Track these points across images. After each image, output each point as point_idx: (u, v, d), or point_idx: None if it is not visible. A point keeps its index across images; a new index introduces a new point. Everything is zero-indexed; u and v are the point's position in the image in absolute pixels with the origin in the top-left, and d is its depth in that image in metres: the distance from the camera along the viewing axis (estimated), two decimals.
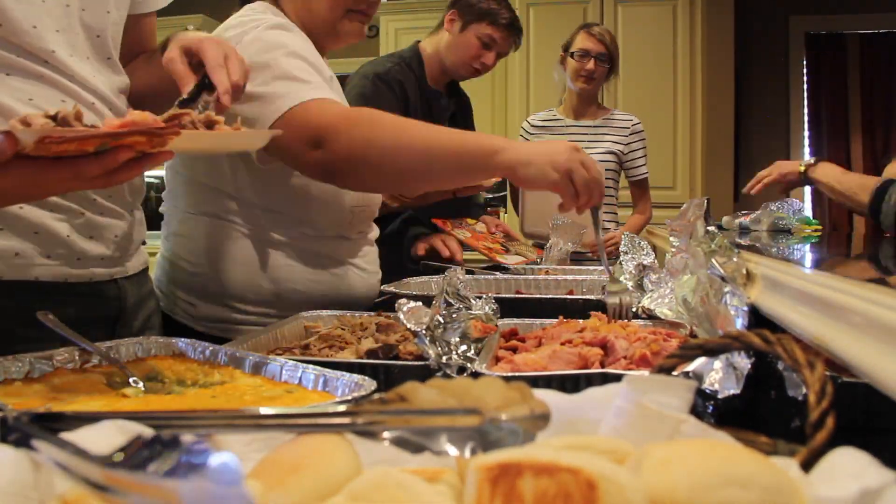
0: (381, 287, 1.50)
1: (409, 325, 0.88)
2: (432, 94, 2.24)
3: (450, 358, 0.84)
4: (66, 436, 0.45)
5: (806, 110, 5.20)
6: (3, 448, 0.42)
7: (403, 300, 0.91)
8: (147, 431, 0.47)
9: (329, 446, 0.42)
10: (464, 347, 0.87)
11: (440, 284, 0.99)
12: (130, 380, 0.81)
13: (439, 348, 0.85)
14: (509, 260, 2.06)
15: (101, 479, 0.34)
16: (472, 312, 0.97)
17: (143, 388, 0.79)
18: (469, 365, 0.83)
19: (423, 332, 0.87)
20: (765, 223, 2.09)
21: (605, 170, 2.68)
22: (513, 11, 2.29)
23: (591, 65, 2.65)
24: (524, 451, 0.37)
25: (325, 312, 1.20)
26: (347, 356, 0.95)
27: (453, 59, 2.21)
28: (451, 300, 0.96)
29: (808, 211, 2.22)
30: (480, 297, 1.03)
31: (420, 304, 0.91)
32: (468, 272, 1.73)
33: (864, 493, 0.36)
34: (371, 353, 0.95)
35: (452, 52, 2.21)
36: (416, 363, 0.88)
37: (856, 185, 1.82)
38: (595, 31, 2.69)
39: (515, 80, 4.44)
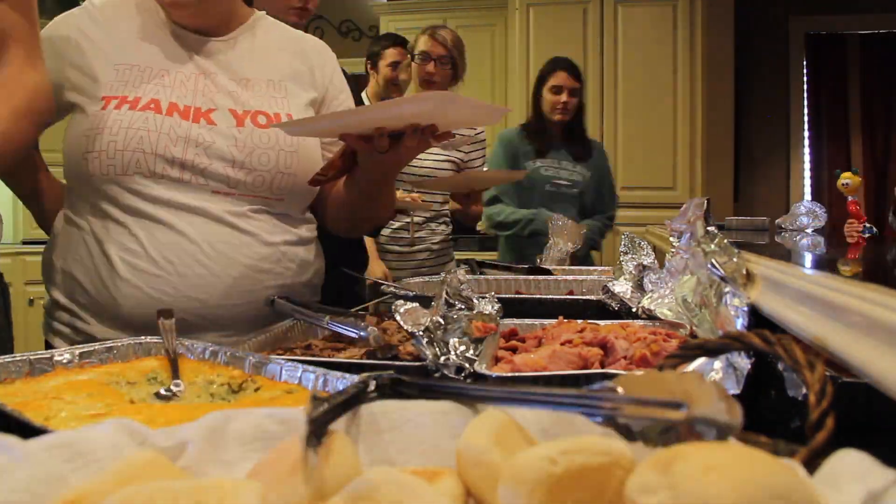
0: (381, 287, 1.49)
1: (406, 327, 0.87)
2: None
3: (448, 358, 0.84)
4: (67, 434, 0.45)
5: (806, 110, 5.20)
6: (22, 444, 0.42)
7: (400, 301, 0.91)
8: (158, 436, 0.47)
9: (330, 446, 0.42)
10: (462, 348, 0.87)
11: (440, 285, 0.99)
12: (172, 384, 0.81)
13: (437, 349, 0.85)
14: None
15: None
16: (473, 312, 0.97)
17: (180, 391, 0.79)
18: (467, 365, 0.83)
19: (421, 333, 0.86)
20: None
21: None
22: None
23: (431, 67, 2.62)
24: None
25: None
26: (349, 357, 0.95)
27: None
28: (452, 301, 0.96)
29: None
30: (483, 297, 1.03)
31: (417, 305, 0.91)
32: (471, 272, 1.73)
33: (868, 495, 0.36)
34: (370, 354, 0.95)
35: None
36: (415, 363, 0.88)
37: None
38: (439, 34, 2.67)
39: (515, 81, 4.44)
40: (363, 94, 2.91)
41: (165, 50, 1.23)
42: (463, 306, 0.96)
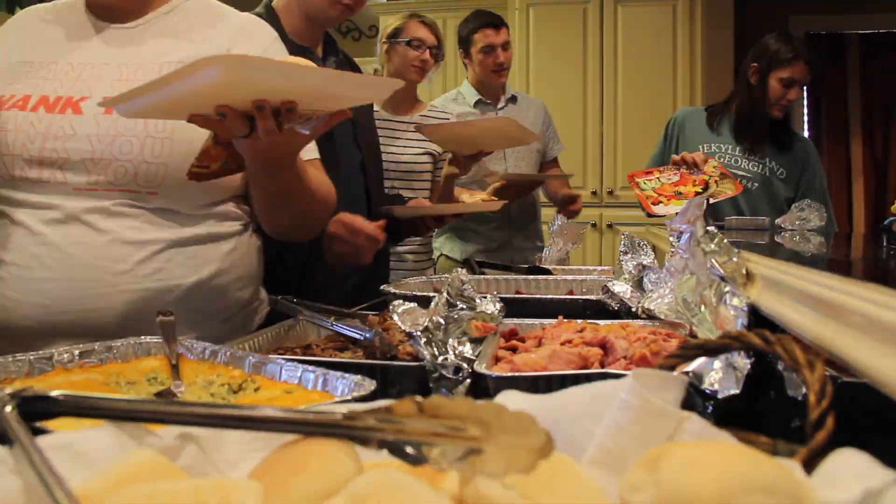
0: (381, 287, 1.49)
1: (404, 327, 0.87)
2: (299, 51, 1.63)
3: (446, 359, 0.83)
4: (68, 435, 0.45)
5: (806, 110, 5.20)
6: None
7: (398, 301, 0.91)
8: (158, 436, 0.47)
9: (331, 447, 0.42)
10: (461, 348, 0.86)
11: (441, 285, 0.99)
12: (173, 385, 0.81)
13: (435, 349, 0.85)
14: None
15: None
16: (474, 312, 0.97)
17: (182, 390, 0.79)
18: (465, 365, 0.83)
19: (419, 333, 0.86)
20: None
21: (420, 171, 2.43)
22: None
23: (426, 55, 2.39)
24: None
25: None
26: (351, 357, 0.95)
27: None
28: (453, 301, 0.96)
29: None
30: (485, 297, 1.03)
31: (415, 305, 0.91)
32: (471, 272, 1.73)
33: (866, 493, 0.36)
34: (369, 354, 0.95)
35: None
36: (413, 363, 0.88)
37: None
38: (427, 19, 2.46)
39: (515, 81, 4.44)
40: (467, 84, 2.85)
41: (66, 43, 1.15)
42: (464, 306, 0.96)
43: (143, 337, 0.90)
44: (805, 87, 5.11)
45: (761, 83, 2.45)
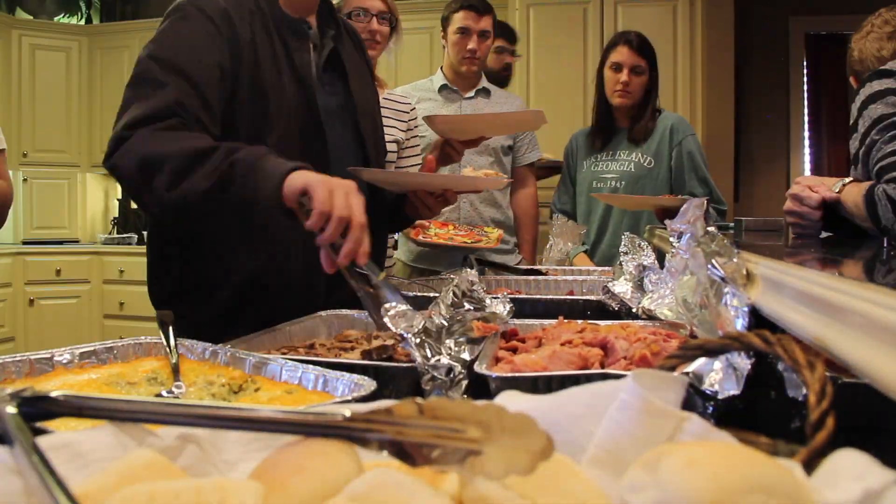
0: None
1: (396, 330, 0.86)
2: (290, 22, 1.44)
3: (439, 360, 0.83)
4: (67, 435, 0.45)
5: (806, 110, 5.20)
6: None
7: (388, 305, 0.89)
8: (158, 436, 0.47)
9: (331, 447, 0.42)
10: (457, 349, 0.86)
11: (442, 285, 0.99)
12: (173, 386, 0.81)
13: (427, 351, 0.84)
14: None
15: None
16: (482, 312, 0.97)
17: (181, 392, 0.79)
18: (457, 366, 0.83)
19: (412, 335, 0.86)
20: None
21: (388, 161, 2.10)
22: None
23: (374, 24, 2.12)
24: None
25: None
26: (353, 357, 0.95)
27: None
28: (460, 301, 0.96)
29: None
30: (496, 298, 1.03)
31: (406, 307, 0.90)
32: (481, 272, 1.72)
33: (866, 494, 0.36)
34: (366, 354, 0.94)
35: None
36: (409, 364, 0.88)
37: (852, 199, 1.66)
38: None
39: (515, 80, 4.43)
40: (440, 70, 2.70)
41: None
42: (472, 307, 0.96)
43: (142, 337, 0.90)
44: (808, 89, 5.12)
45: (599, 75, 2.65)
